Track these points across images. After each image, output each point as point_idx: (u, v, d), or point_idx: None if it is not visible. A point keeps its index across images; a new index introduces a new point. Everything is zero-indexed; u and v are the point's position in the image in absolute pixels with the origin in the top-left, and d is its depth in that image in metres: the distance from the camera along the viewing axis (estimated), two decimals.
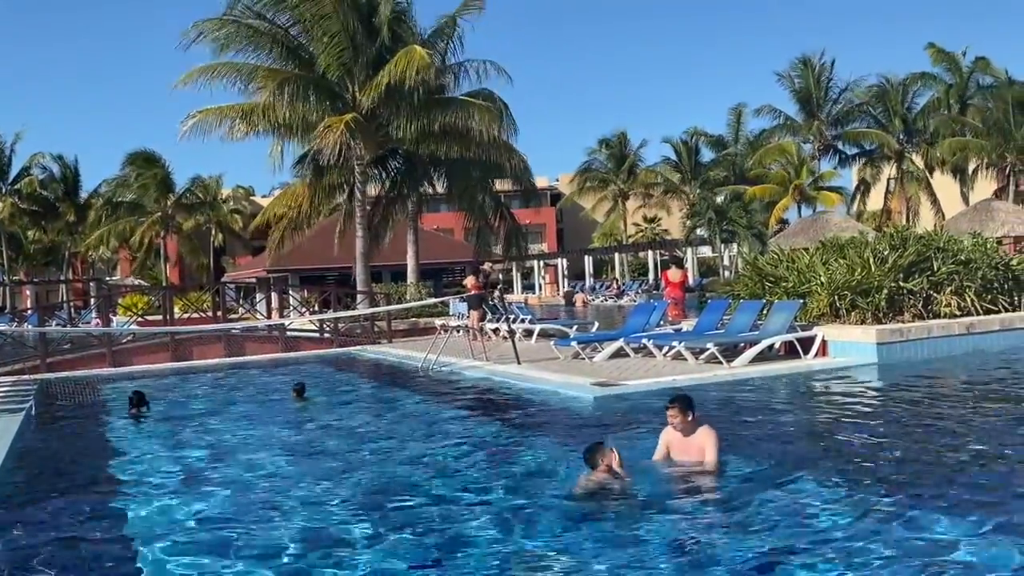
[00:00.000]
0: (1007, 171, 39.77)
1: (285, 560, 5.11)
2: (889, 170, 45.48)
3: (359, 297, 25.08)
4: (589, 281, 52.42)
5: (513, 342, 14.90)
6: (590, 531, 5.34)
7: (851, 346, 12.45)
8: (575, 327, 18.94)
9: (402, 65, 22.56)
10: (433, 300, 22.88)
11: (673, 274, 19.38)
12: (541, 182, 45.05)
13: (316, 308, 26.71)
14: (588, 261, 55.53)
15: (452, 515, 5.89)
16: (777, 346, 13.01)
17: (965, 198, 41.10)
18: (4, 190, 53.25)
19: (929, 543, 4.81)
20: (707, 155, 55.53)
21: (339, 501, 6.49)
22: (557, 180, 70.45)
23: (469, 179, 27.17)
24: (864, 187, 46.11)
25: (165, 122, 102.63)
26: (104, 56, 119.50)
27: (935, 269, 13.73)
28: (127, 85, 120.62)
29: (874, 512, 5.42)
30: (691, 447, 6.59)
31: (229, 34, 23.72)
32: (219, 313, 24.98)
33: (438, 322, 21.13)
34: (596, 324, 19.77)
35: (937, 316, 13.31)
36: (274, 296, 29.97)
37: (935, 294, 13.49)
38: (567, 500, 6.01)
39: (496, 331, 19.07)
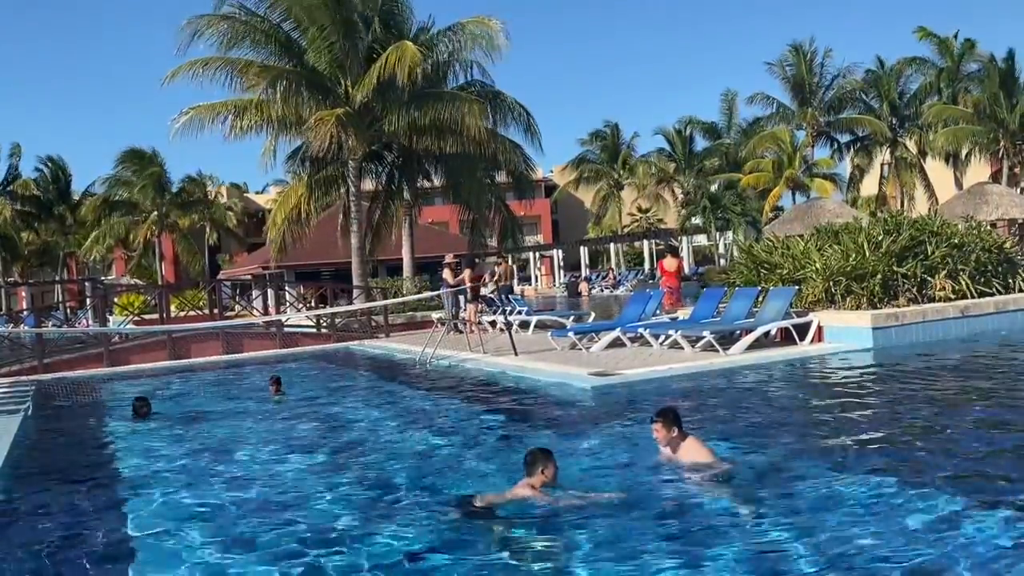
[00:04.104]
0: (1000, 155, 39.81)
1: (283, 553, 5.13)
2: (882, 156, 45.54)
3: (355, 292, 25.09)
4: (585, 272, 52.50)
5: (510, 334, 14.93)
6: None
7: (847, 331, 12.50)
8: (572, 318, 18.97)
9: (392, 60, 22.49)
10: (429, 294, 22.89)
11: (669, 263, 19.43)
12: (536, 174, 44.92)
13: (313, 304, 26.70)
14: (584, 252, 55.56)
15: (448, 507, 5.91)
16: (773, 333, 13.05)
17: (959, 182, 41.16)
18: None
19: (927, 526, 4.85)
20: (701, 144, 55.58)
21: (335, 493, 6.51)
22: (551, 172, 70.38)
23: (465, 173, 27.13)
24: (858, 173, 46.17)
25: (155, 120, 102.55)
26: (89, 53, 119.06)
27: (929, 253, 13.77)
28: (114, 83, 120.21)
29: (872, 497, 5.46)
30: (685, 462, 6.14)
31: (224, 30, 23.62)
32: (215, 311, 24.96)
33: (435, 316, 21.16)
34: (592, 314, 19.81)
35: (932, 300, 13.35)
36: (270, 293, 29.99)
37: (929, 278, 13.53)
38: (465, 506, 5.66)
39: (493, 323, 19.10)
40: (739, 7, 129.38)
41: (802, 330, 12.80)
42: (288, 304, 27.34)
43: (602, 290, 44.14)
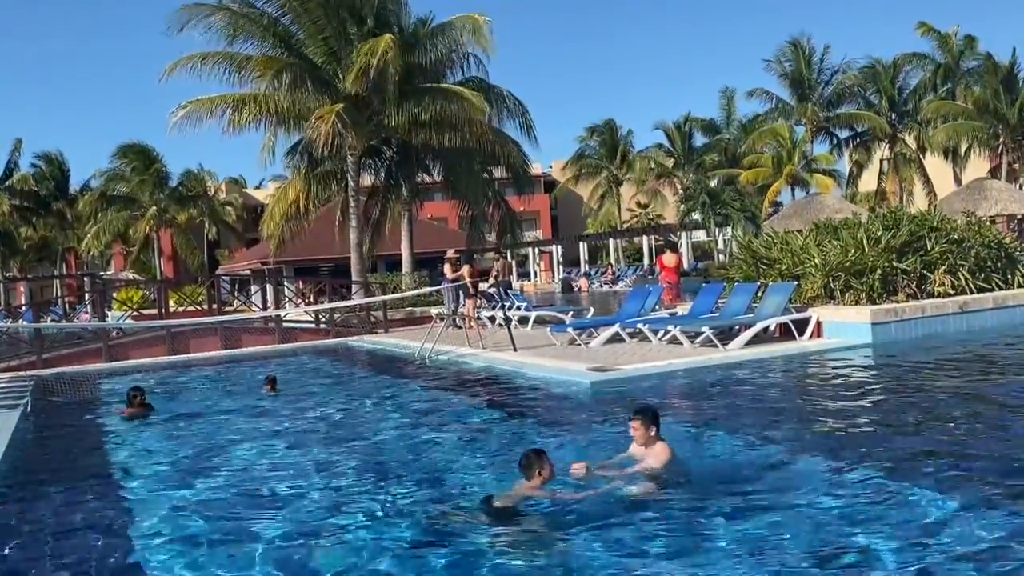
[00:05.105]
0: (999, 150, 39.79)
1: (283, 549, 5.12)
2: (881, 151, 45.53)
3: (354, 287, 25.08)
4: (584, 267, 52.48)
5: (509, 329, 14.90)
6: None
7: (846, 327, 12.49)
8: (571, 313, 18.96)
9: (366, 51, 22.56)
10: (428, 289, 22.87)
11: (668, 259, 19.40)
12: (534, 169, 44.98)
13: (312, 299, 26.68)
14: (583, 247, 55.54)
15: (448, 504, 5.91)
16: (772, 328, 13.04)
17: (958, 178, 41.17)
18: None
19: (923, 519, 4.86)
20: (700, 140, 55.55)
21: (334, 490, 6.51)
22: (550, 167, 70.34)
23: (463, 167, 27.11)
24: (856, 169, 46.17)
25: (151, 114, 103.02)
26: (84, 48, 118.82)
27: (928, 249, 13.75)
28: (110, 78, 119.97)
29: (868, 492, 5.46)
30: (643, 464, 6.04)
31: (224, 21, 23.57)
32: (214, 306, 24.94)
33: (434, 311, 21.14)
34: (592, 310, 19.80)
35: (931, 295, 13.35)
36: (269, 288, 29.96)
37: (929, 274, 13.52)
38: (484, 507, 5.52)
39: (492, 319, 19.08)
40: (739, 6, 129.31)
41: (801, 326, 12.79)
42: (287, 300, 27.32)
43: (601, 286, 44.12)
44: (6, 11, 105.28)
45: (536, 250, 56.97)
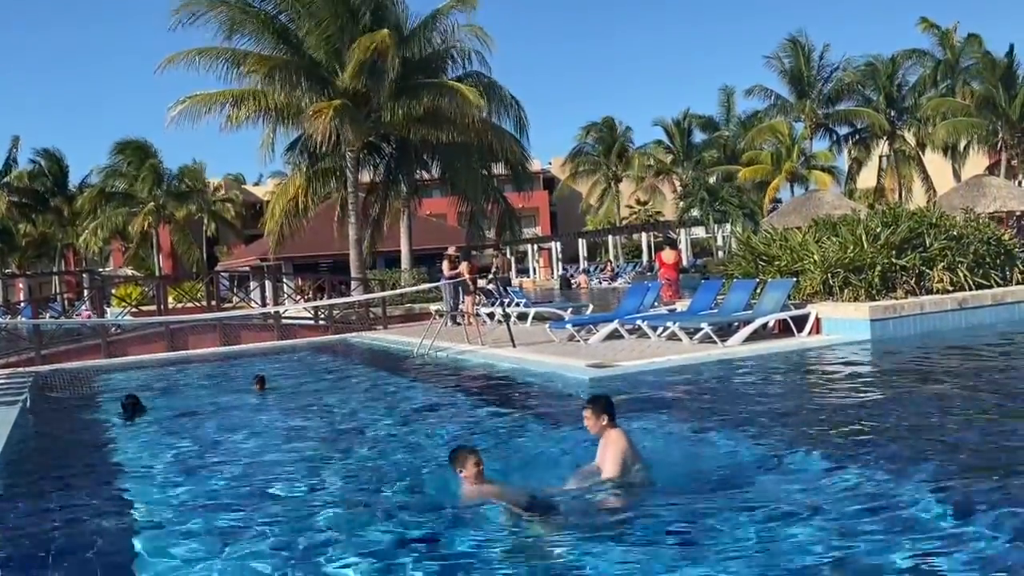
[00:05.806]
0: (998, 147, 39.77)
1: (278, 547, 5.12)
2: (881, 148, 45.50)
3: (353, 284, 25.07)
4: (583, 264, 52.47)
5: (508, 326, 14.90)
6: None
7: (844, 323, 12.49)
8: (570, 310, 18.96)
9: (363, 48, 22.59)
10: (427, 285, 22.88)
11: (667, 255, 19.42)
12: (533, 166, 44.91)
13: (311, 296, 26.70)
14: (582, 244, 55.51)
15: (445, 499, 5.91)
16: (771, 325, 13.05)
17: (957, 174, 41.15)
18: None
19: (921, 517, 4.86)
20: (699, 136, 55.53)
21: (330, 488, 6.51)
22: (549, 164, 70.25)
23: (462, 164, 27.11)
24: (856, 165, 46.15)
25: (149, 110, 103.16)
26: (82, 42, 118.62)
27: (927, 245, 13.76)
28: (107, 73, 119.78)
29: (866, 488, 5.46)
30: (600, 454, 5.82)
31: (218, 16, 23.56)
32: (213, 303, 24.94)
33: (433, 308, 21.14)
34: (591, 306, 19.80)
35: (930, 292, 13.36)
36: (268, 284, 29.97)
37: (927, 270, 13.53)
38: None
39: (491, 315, 19.09)
40: (739, 6, 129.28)
41: (800, 322, 12.79)
42: (286, 296, 27.32)
43: (600, 282, 44.11)
44: (5, 9, 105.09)
45: (535, 247, 56.94)
